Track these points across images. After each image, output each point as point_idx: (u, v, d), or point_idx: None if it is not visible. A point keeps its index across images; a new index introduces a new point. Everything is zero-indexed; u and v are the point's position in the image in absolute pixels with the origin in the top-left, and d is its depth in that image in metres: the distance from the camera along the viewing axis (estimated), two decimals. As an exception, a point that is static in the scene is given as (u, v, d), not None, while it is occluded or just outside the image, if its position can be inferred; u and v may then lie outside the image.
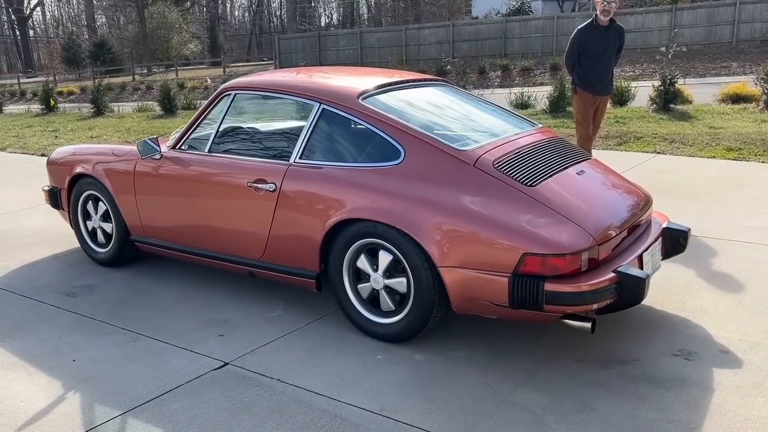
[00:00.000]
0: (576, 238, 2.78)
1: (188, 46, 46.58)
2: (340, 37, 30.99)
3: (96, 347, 3.25)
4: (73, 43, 43.11)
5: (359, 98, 3.31)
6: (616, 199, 3.22)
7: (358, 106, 3.27)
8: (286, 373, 2.93)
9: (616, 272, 2.79)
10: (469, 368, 2.93)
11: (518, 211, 2.87)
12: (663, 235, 3.36)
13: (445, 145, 3.08)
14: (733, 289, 3.68)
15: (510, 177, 2.98)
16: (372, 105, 3.29)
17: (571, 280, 2.72)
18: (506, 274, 2.78)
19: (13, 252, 4.80)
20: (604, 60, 5.85)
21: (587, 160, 3.48)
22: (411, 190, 3.02)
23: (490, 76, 24.40)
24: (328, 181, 3.23)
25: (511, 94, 12.51)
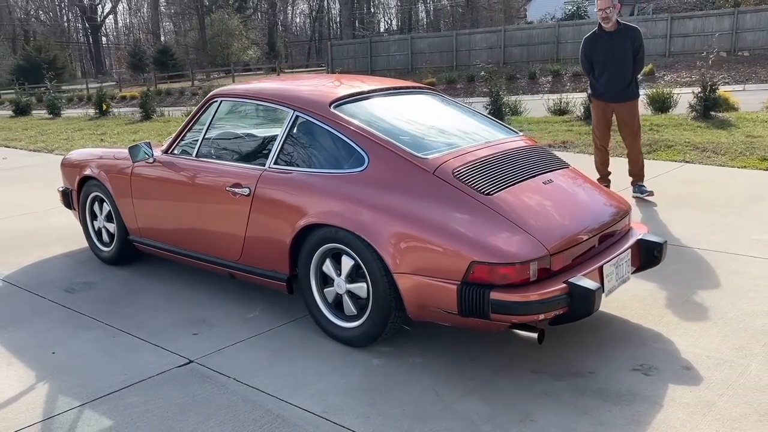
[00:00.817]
0: (526, 247, 2.77)
1: (247, 52, 47.80)
2: (391, 43, 31.18)
3: (77, 341, 3.42)
4: (139, 50, 44.94)
5: (331, 106, 3.38)
6: (582, 208, 3.17)
7: (328, 114, 3.34)
8: (243, 373, 3.01)
9: (567, 283, 2.76)
10: (422, 374, 2.95)
11: (471, 220, 2.88)
12: (636, 247, 3.30)
13: (407, 153, 3.12)
14: (719, 304, 3.56)
15: (467, 185, 2.99)
16: (343, 113, 3.35)
17: (518, 290, 2.71)
18: (455, 282, 2.79)
19: (31, 249, 5.08)
20: (614, 67, 5.68)
21: (561, 169, 3.45)
22: (371, 196, 3.07)
23: (540, 81, 24.09)
24: (296, 186, 3.31)
25: (549, 100, 12.33)
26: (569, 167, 3.57)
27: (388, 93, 3.76)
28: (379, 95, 3.69)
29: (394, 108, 3.65)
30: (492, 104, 11.14)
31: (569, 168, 3.55)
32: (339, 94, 3.47)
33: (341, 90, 3.57)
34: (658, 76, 21.15)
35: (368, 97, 3.61)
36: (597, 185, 3.52)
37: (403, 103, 3.76)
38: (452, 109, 3.91)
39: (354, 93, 3.55)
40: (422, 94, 3.97)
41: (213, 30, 43.95)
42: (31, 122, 16.70)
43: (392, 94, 3.78)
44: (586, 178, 3.54)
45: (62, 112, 18.82)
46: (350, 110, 3.41)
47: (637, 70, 5.78)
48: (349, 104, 3.47)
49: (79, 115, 18.82)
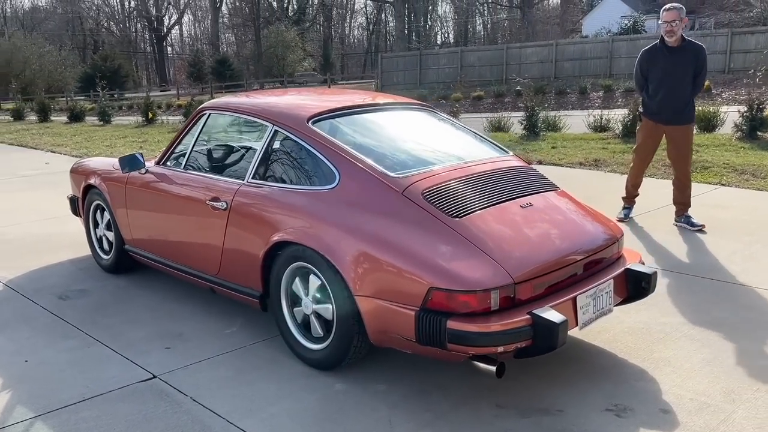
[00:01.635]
0: (488, 274, 2.62)
1: (302, 64, 48.62)
2: (441, 56, 31.09)
3: (52, 350, 3.44)
4: (198, 60, 46.29)
5: (309, 122, 3.30)
6: (560, 234, 2.99)
7: (305, 129, 3.27)
8: (202, 392, 2.95)
9: (531, 314, 2.59)
10: (381, 403, 2.82)
11: (435, 243, 2.75)
12: (623, 277, 3.09)
13: (378, 172, 3.02)
14: (719, 341, 3.31)
15: (436, 207, 2.87)
16: (320, 129, 3.28)
17: (476, 320, 2.56)
18: (414, 308, 2.66)
19: (41, 254, 5.18)
20: (672, 85, 5.19)
21: (546, 192, 3.27)
22: (338, 215, 2.98)
23: (591, 96, 23.55)
24: (270, 202, 3.25)
25: (590, 116, 11.98)
26: (557, 190, 3.39)
27: (375, 109, 3.67)
28: (364, 111, 3.60)
29: (377, 125, 3.56)
30: (527, 119, 10.89)
31: (557, 191, 3.37)
32: (318, 110, 3.40)
33: (322, 105, 3.50)
34: (715, 93, 20.35)
35: (351, 113, 3.52)
36: (586, 209, 3.33)
37: (388, 120, 3.66)
38: (441, 127, 3.79)
39: (335, 108, 3.47)
40: (413, 111, 3.85)
41: (269, 42, 44.81)
42: (81, 128, 17.29)
43: (379, 110, 3.69)
44: (576, 202, 3.36)
45: (113, 119, 19.43)
46: (328, 126, 3.34)
47: (695, 92, 5.29)
48: (328, 120, 3.39)
49: (128, 122, 19.41)
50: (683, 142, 5.36)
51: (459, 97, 25.64)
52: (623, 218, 5.65)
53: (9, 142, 14.47)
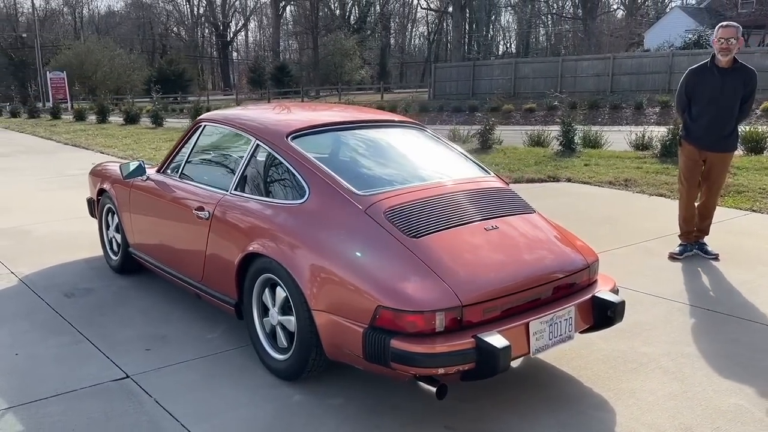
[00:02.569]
0: (435, 296, 2.64)
1: (359, 72, 49.13)
2: (494, 67, 30.90)
3: (44, 345, 3.63)
4: (259, 66, 47.46)
5: (288, 137, 3.40)
6: (523, 259, 2.97)
7: (283, 145, 3.37)
8: (166, 395, 3.07)
9: (475, 338, 2.60)
10: (331, 418, 2.87)
11: (389, 263, 2.79)
12: (588, 304, 3.05)
13: (344, 188, 3.08)
14: (694, 375, 3.21)
15: (395, 226, 2.91)
16: (298, 144, 3.36)
17: (419, 340, 2.59)
18: (363, 325, 2.71)
19: (61, 252, 5.46)
20: (719, 109, 4.87)
21: (519, 215, 3.26)
22: (303, 229, 3.06)
23: (646, 112, 23.00)
24: (246, 214, 3.36)
25: (632, 134, 11.70)
26: (532, 213, 3.37)
27: (359, 127, 3.73)
28: (347, 128, 3.67)
29: (357, 142, 3.63)
30: (563, 135, 10.74)
31: (532, 214, 3.35)
32: (299, 126, 3.49)
33: (305, 121, 3.58)
34: (775, 113, 19.52)
35: (333, 130, 3.60)
36: (560, 234, 3.30)
37: (370, 137, 3.72)
38: (424, 145, 3.81)
39: (316, 125, 3.55)
40: (398, 128, 3.90)
41: (327, 49, 45.50)
42: (134, 131, 18.01)
43: (364, 127, 3.74)
44: (550, 226, 3.33)
45: (165, 122, 20.12)
46: (306, 142, 3.42)
47: (742, 118, 4.98)
48: (308, 136, 3.47)
49: (180, 126, 20.08)
50: (720, 171, 5.08)
51: (510, 109, 25.43)
52: (677, 255, 5.17)
53: (64, 142, 15.23)
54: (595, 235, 5.82)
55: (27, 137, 17.16)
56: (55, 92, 41.73)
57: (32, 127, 20.07)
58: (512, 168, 9.39)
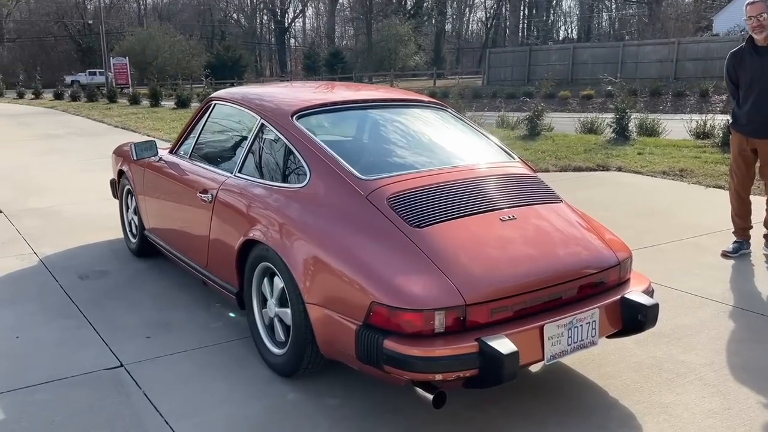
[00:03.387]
0: (436, 293, 2.37)
1: (413, 58, 48.62)
2: (551, 53, 29.96)
3: (47, 328, 3.54)
4: (313, 52, 47.54)
5: (293, 116, 3.16)
6: (541, 254, 2.65)
7: (287, 124, 3.14)
8: (156, 387, 2.91)
9: (479, 341, 2.32)
10: (325, 419, 2.64)
11: (388, 254, 2.53)
12: (617, 306, 2.72)
13: (347, 172, 2.83)
14: (738, 390, 2.84)
15: (398, 214, 2.64)
16: (303, 124, 3.13)
17: (415, 342, 2.32)
18: (357, 322, 2.46)
19: (86, 233, 5.41)
20: (762, 91, 4.46)
21: (542, 204, 2.94)
22: (302, 215, 2.83)
23: (712, 99, 21.83)
24: (247, 198, 3.15)
25: (692, 122, 11.01)
26: (559, 202, 3.04)
27: (372, 106, 3.46)
28: (360, 108, 3.41)
29: (368, 123, 3.37)
30: (616, 122, 10.17)
31: (558, 203, 3.03)
32: (305, 105, 3.25)
33: (313, 100, 3.34)
34: None
35: (343, 109, 3.35)
36: (589, 226, 2.96)
37: (384, 118, 3.44)
38: (443, 127, 3.51)
39: (325, 104, 3.30)
40: (416, 109, 3.60)
41: (381, 35, 45.17)
42: (184, 114, 18.09)
43: (378, 107, 3.47)
44: (579, 217, 3.00)
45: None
46: (312, 122, 3.18)
47: None
48: (316, 116, 3.23)
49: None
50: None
51: (567, 95, 24.60)
52: (729, 253, 4.72)
53: (114, 125, 15.48)
54: (640, 228, 5.40)
55: (81, 120, 17.55)
56: (118, 77, 42.87)
57: (88, 110, 20.55)
58: (559, 155, 8.94)
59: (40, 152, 10.62)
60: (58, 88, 30.72)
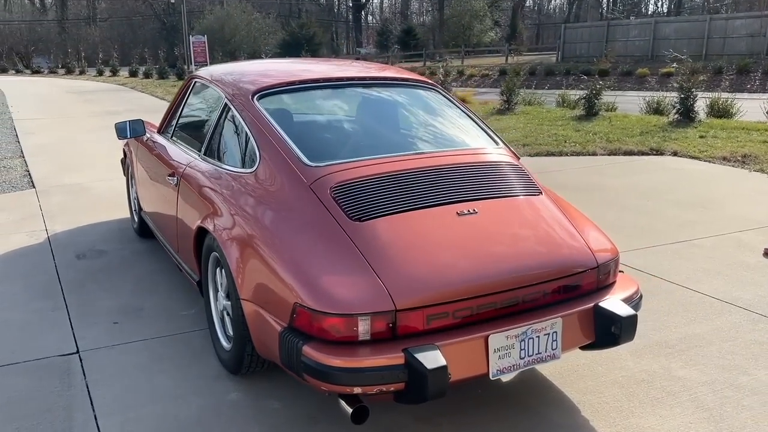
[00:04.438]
0: (362, 296, 2.11)
1: (488, 34, 47.31)
2: (630, 27, 28.32)
3: (23, 309, 3.50)
4: (386, 29, 47.06)
5: (254, 96, 2.94)
6: (499, 254, 2.33)
7: (246, 104, 2.92)
8: (101, 377, 2.80)
9: (405, 352, 2.05)
10: (258, 426, 2.45)
11: (322, 250, 2.29)
12: (589, 316, 2.38)
13: (293, 157, 2.59)
14: (737, 416, 2.45)
15: (339, 205, 2.39)
16: (263, 104, 2.90)
17: (335, 351, 2.08)
18: (282, 324, 2.25)
19: (100, 211, 5.42)
20: None
21: (513, 197, 2.61)
22: (244, 202, 2.63)
23: (807, 79, 20.06)
24: (203, 182, 2.98)
25: None
26: (537, 194, 2.70)
27: (350, 85, 3.18)
28: (332, 87, 3.14)
29: (338, 104, 3.11)
30: (681, 103, 9.39)
31: (536, 196, 2.68)
32: (269, 83, 3.01)
33: (280, 78, 3.09)
34: None
35: (312, 88, 3.09)
36: (571, 223, 2.60)
37: (358, 98, 3.17)
38: (425, 109, 3.19)
39: (290, 82, 3.05)
40: (401, 88, 3.29)
41: (453, 10, 44.20)
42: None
43: (355, 85, 3.19)
44: (559, 212, 2.64)
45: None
46: (275, 102, 2.96)
47: None
48: (279, 95, 3.00)
49: None
50: None
51: (645, 73, 23.28)
52: None
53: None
54: (681, 220, 4.91)
55: (145, 97, 18.00)
56: (197, 55, 43.91)
57: (154, 88, 21.06)
58: (611, 138, 8.34)
59: (92, 128, 10.89)
60: (133, 66, 31.69)
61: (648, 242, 4.46)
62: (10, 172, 7.27)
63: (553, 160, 7.35)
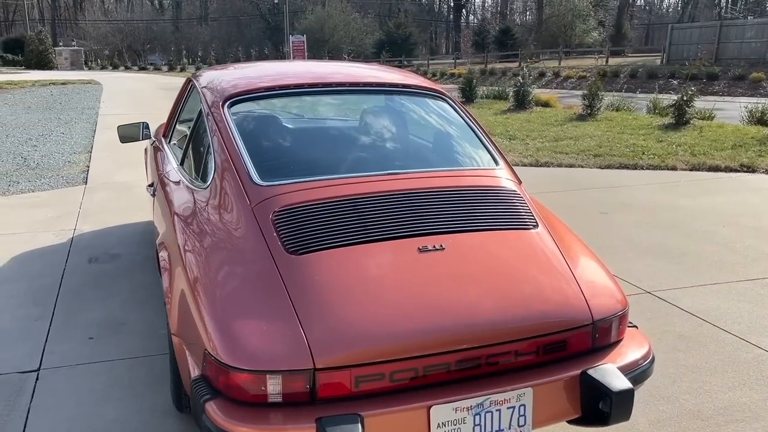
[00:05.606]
0: (275, 349, 1.76)
1: (591, 34, 45.34)
2: (746, 28, 26.07)
3: (8, 316, 3.39)
4: (483, 29, 46.13)
5: (224, 103, 2.63)
6: (463, 301, 1.90)
7: (216, 112, 2.62)
8: (48, 403, 2.60)
9: (317, 424, 1.68)
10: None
11: (249, 287, 1.96)
12: (576, 385, 1.91)
13: (244, 173, 2.27)
14: None
15: (278, 234, 2.04)
16: (233, 112, 2.59)
17: (234, 412, 1.74)
18: (198, 370, 1.93)
19: (133, 212, 5.33)
20: None
21: (498, 230, 2.17)
22: (191, 223, 2.35)
23: None
24: (168, 195, 2.74)
25: None
26: (532, 228, 2.23)
27: (339, 91, 2.80)
28: (316, 93, 2.79)
29: (316, 113, 2.76)
30: None
31: (528, 230, 2.22)
32: (243, 89, 2.69)
33: (254, 84, 2.77)
34: None
35: (291, 94, 2.75)
36: (564, 265, 2.13)
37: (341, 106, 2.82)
38: (419, 120, 2.79)
39: (265, 88, 2.71)
40: (399, 95, 2.89)
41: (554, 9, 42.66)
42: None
43: (345, 92, 2.82)
44: (556, 251, 2.17)
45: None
46: (243, 110, 2.66)
47: None
48: (252, 102, 2.69)
49: None
50: None
51: (760, 78, 21.40)
52: None
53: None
54: (754, 254, 4.23)
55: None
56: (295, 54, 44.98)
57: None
58: (696, 151, 7.49)
59: (167, 125, 11.12)
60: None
61: (709, 278, 3.82)
62: (71, 167, 7.44)
63: (624, 174, 6.66)
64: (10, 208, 5.59)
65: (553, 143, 8.32)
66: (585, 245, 2.34)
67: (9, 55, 47.40)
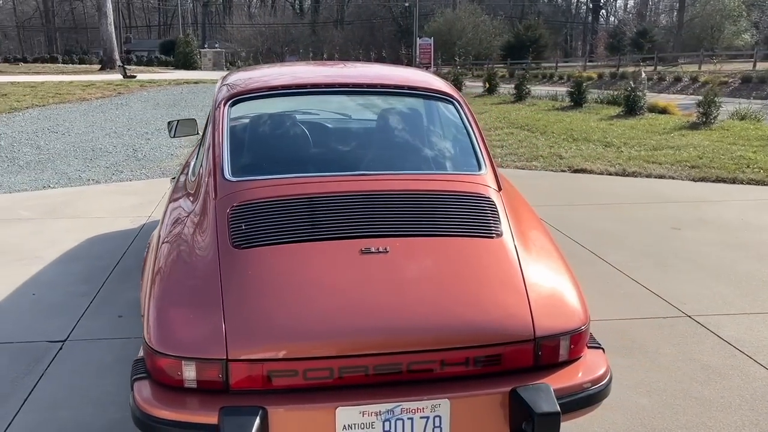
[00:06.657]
0: (193, 337, 1.84)
1: (742, 36, 41.87)
2: None
3: (60, 291, 3.72)
4: (619, 31, 43.97)
5: (225, 103, 2.74)
6: (393, 305, 1.87)
7: (218, 111, 2.74)
8: (61, 371, 2.85)
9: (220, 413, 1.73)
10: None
11: (190, 277, 2.05)
12: (507, 402, 1.83)
13: (219, 168, 2.36)
14: None
15: (229, 228, 2.12)
16: (233, 112, 2.70)
17: (154, 393, 1.83)
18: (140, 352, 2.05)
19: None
20: None
21: (452, 236, 2.10)
22: (173, 214, 2.49)
23: None
24: (173, 189, 2.89)
25: None
26: (493, 237, 2.13)
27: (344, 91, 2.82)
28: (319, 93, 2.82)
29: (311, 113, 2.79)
30: None
31: (488, 239, 2.13)
32: (245, 89, 2.78)
33: (258, 83, 2.85)
34: None
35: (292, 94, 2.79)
36: (518, 277, 2.02)
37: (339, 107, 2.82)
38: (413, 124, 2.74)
39: (272, 87, 2.79)
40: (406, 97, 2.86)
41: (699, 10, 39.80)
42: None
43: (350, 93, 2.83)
44: (513, 260, 2.07)
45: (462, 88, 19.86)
46: (241, 109, 2.76)
47: None
48: (251, 102, 2.77)
49: (472, 91, 19.54)
50: None
51: None
52: None
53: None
54: None
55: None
56: (422, 57, 45.38)
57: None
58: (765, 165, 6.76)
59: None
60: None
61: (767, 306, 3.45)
62: (172, 160, 8.02)
63: (718, 188, 6.12)
64: (105, 195, 6.13)
65: (649, 152, 7.81)
66: (560, 258, 2.21)
67: (162, 56, 51.75)
